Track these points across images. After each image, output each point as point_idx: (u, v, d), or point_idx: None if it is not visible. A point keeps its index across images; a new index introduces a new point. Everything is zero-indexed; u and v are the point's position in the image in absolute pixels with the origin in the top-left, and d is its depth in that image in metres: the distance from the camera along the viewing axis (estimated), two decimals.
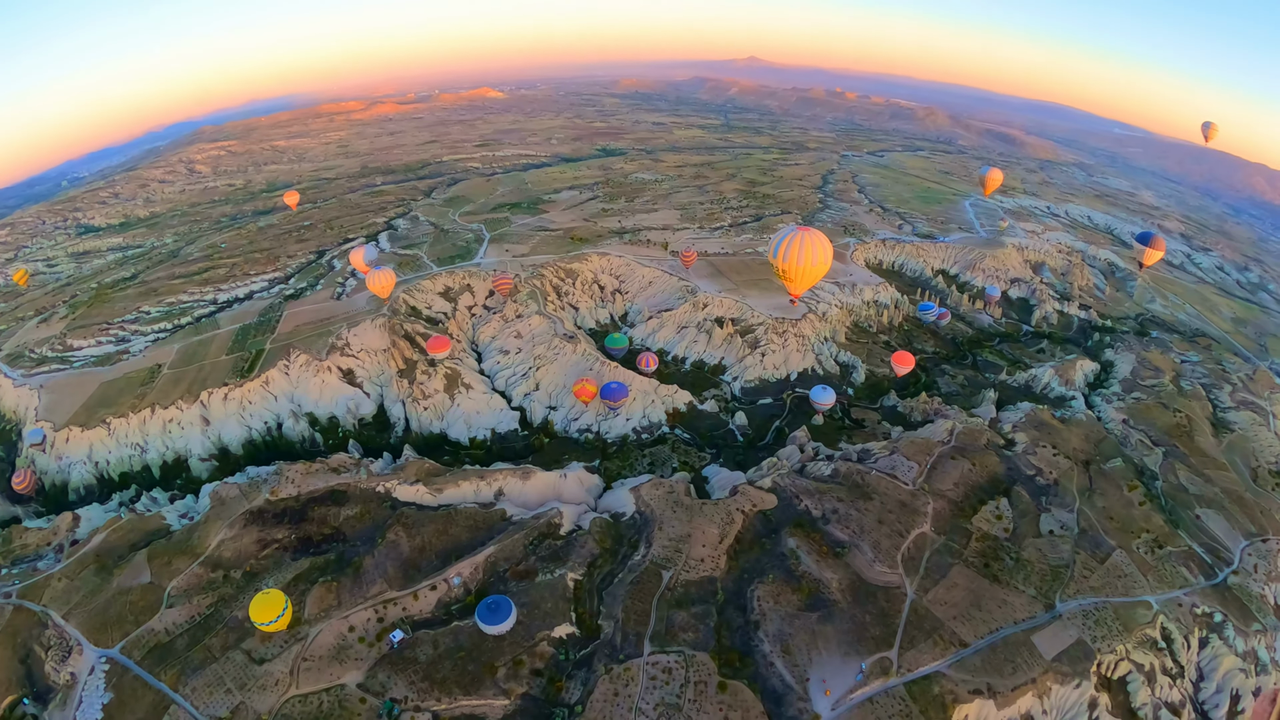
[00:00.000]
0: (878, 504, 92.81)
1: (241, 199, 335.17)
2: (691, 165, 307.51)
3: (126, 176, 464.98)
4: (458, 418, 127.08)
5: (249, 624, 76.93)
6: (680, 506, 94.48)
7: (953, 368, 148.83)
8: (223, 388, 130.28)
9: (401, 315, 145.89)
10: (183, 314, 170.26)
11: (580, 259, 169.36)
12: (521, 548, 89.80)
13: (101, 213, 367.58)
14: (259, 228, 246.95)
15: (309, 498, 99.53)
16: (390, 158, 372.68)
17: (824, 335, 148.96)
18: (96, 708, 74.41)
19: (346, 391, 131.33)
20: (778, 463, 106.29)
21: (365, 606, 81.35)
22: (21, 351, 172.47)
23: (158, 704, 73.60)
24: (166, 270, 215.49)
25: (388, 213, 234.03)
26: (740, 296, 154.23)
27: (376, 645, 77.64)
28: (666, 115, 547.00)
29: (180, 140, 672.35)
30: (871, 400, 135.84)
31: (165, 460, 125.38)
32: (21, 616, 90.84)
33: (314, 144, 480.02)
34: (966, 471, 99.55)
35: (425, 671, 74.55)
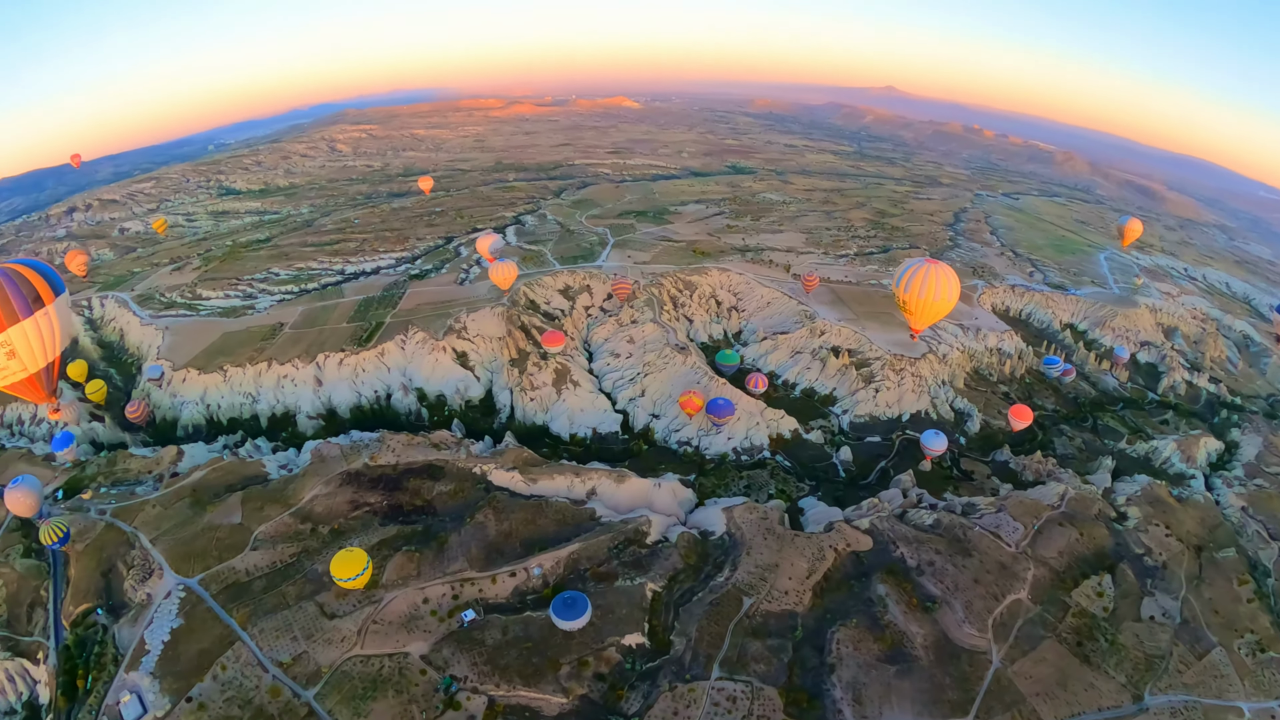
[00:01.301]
0: (976, 562, 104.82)
1: (378, 180, 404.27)
2: (821, 190, 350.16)
3: (270, 148, 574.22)
4: (561, 412, 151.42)
5: (327, 578, 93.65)
6: (772, 534, 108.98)
7: (1071, 429, 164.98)
8: (339, 353, 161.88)
9: (520, 307, 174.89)
10: (310, 280, 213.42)
11: (700, 272, 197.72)
12: (605, 550, 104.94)
13: (243, 178, 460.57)
14: (392, 209, 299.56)
15: (406, 468, 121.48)
16: (524, 156, 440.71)
17: (942, 378, 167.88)
18: (165, 630, 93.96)
19: (458, 373, 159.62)
20: (878, 504, 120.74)
21: (442, 581, 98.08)
22: (152, 294, 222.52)
23: (224, 638, 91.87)
24: (299, 238, 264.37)
25: (517, 208, 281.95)
26: (859, 327, 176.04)
27: (447, 621, 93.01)
28: (799, 138, 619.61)
29: (324, 119, 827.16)
30: (983, 452, 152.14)
31: (274, 413, 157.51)
32: (111, 534, 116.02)
33: (451, 136, 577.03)
34: (1073, 541, 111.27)
35: (490, 655, 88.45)
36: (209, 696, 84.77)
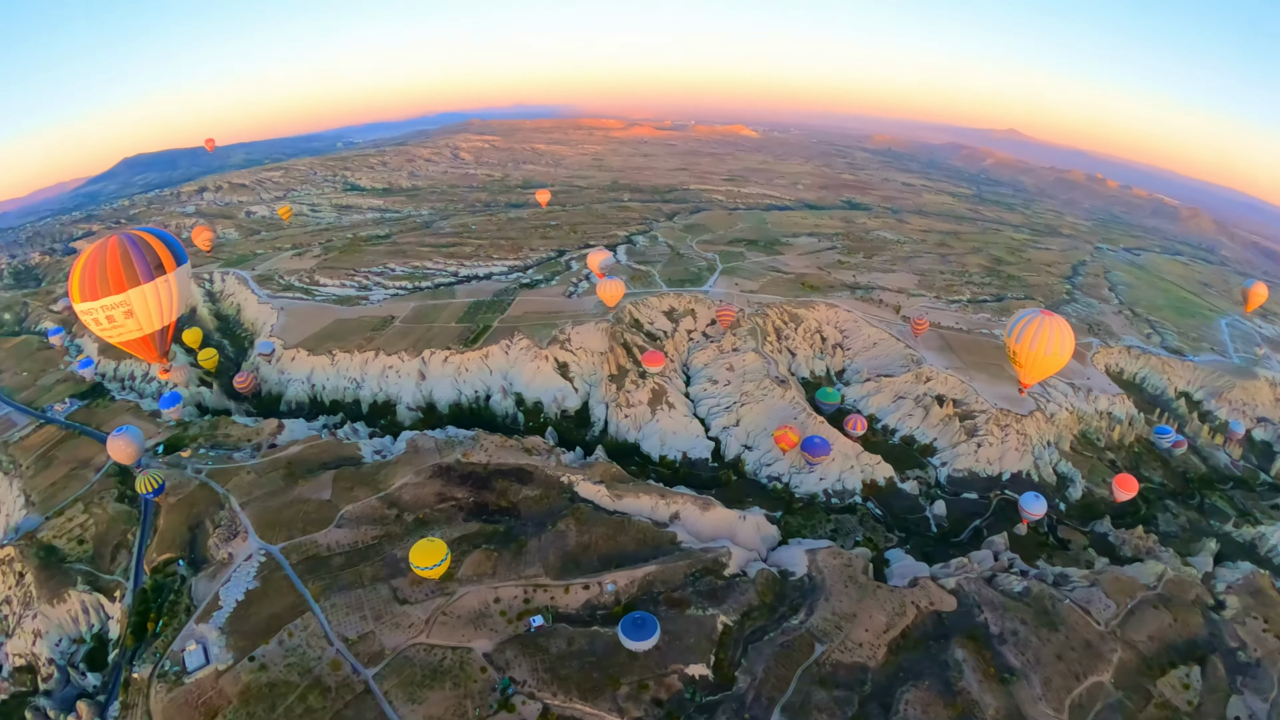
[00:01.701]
0: (1062, 637, 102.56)
1: (497, 189, 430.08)
2: (936, 232, 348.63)
3: (396, 150, 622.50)
4: (654, 433, 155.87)
5: (405, 565, 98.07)
6: (853, 583, 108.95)
7: (1177, 505, 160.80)
8: (445, 351, 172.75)
9: (624, 325, 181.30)
10: (424, 278, 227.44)
11: (807, 306, 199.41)
12: (682, 575, 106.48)
13: (368, 176, 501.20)
14: (508, 218, 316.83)
15: (496, 469, 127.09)
16: (640, 177, 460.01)
17: (1047, 438, 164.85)
18: (241, 590, 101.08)
19: (557, 382, 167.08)
20: (967, 564, 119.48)
21: (516, 584, 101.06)
22: (272, 275, 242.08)
23: (295, 606, 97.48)
24: (417, 237, 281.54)
25: (629, 228, 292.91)
26: (967, 377, 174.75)
27: (515, 623, 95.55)
28: (916, 177, 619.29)
29: (449, 127, 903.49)
30: (1082, 521, 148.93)
31: (376, 400, 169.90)
32: (204, 493, 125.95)
33: (571, 153, 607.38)
34: (1165, 626, 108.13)
35: (552, 663, 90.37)
36: (271, 659, 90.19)
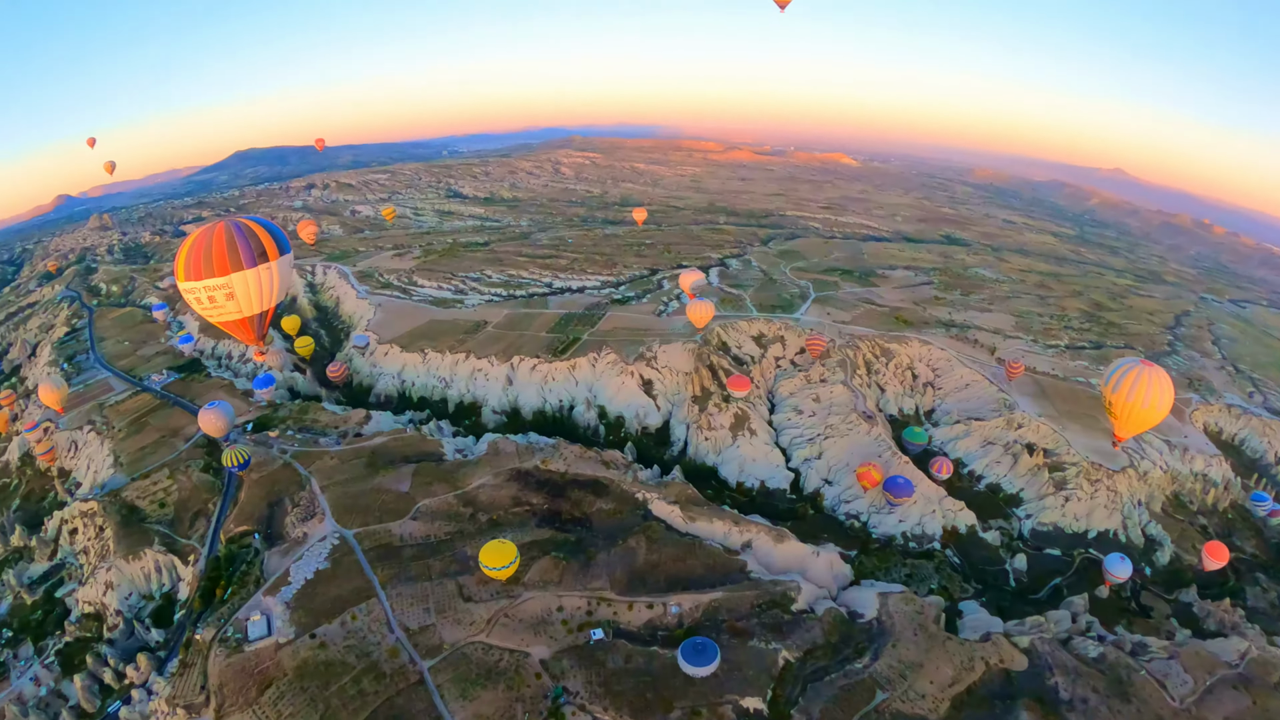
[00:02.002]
0: (1134, 710, 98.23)
1: (595, 205, 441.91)
2: (1036, 272, 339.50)
3: (499, 161, 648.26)
4: (733, 458, 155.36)
5: (474, 563, 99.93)
6: (923, 631, 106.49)
7: (1268, 580, 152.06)
8: (534, 359, 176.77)
9: (711, 347, 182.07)
10: (518, 287, 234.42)
11: (900, 341, 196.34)
12: (748, 605, 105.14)
13: (471, 185, 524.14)
14: (604, 234, 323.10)
15: (573, 479, 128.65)
16: (737, 201, 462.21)
17: (1139, 497, 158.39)
18: (311, 569, 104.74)
19: (640, 399, 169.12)
20: (1043, 624, 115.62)
21: (581, 595, 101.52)
22: (372, 273, 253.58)
23: (362, 591, 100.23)
24: (515, 247, 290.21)
25: (723, 250, 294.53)
26: (1059, 426, 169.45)
27: (575, 634, 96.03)
28: (1018, 214, 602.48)
29: (552, 142, 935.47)
30: (1167, 588, 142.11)
31: (462, 401, 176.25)
32: (287, 472, 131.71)
33: (669, 173, 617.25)
34: (1244, 709, 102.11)
35: (607, 678, 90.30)
36: (332, 639, 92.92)
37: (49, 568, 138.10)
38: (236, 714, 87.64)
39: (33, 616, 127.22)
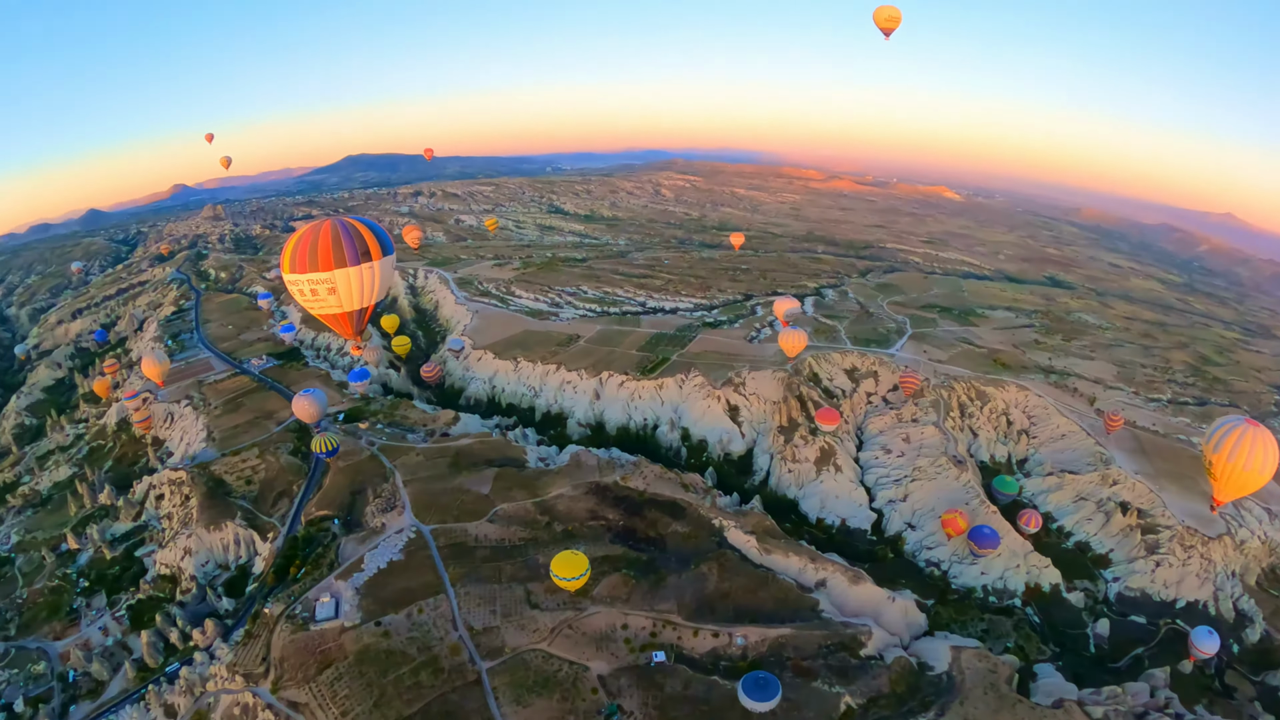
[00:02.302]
0: None
1: (693, 228, 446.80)
2: (1142, 320, 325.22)
3: (601, 180, 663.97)
4: (815, 493, 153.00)
5: (545, 571, 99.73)
6: (994, 691, 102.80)
7: None
8: (622, 375, 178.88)
9: (802, 377, 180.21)
10: (613, 304, 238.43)
11: (997, 384, 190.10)
12: (816, 645, 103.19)
13: (572, 201, 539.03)
14: (700, 257, 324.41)
15: (651, 498, 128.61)
16: (836, 231, 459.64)
17: (1233, 568, 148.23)
18: (385, 559, 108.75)
19: (725, 424, 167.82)
20: (1120, 695, 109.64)
21: (647, 615, 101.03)
22: (472, 280, 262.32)
23: (431, 586, 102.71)
24: (612, 265, 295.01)
25: (820, 280, 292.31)
26: (1156, 485, 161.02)
27: (637, 653, 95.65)
28: (1124, 258, 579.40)
29: (654, 164, 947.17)
30: (1254, 669, 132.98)
31: (549, 411, 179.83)
32: (372, 464, 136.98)
33: (769, 199, 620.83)
34: None
35: (663, 702, 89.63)
36: (396, 629, 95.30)
37: (132, 528, 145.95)
38: (293, 689, 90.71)
39: (110, 571, 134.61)
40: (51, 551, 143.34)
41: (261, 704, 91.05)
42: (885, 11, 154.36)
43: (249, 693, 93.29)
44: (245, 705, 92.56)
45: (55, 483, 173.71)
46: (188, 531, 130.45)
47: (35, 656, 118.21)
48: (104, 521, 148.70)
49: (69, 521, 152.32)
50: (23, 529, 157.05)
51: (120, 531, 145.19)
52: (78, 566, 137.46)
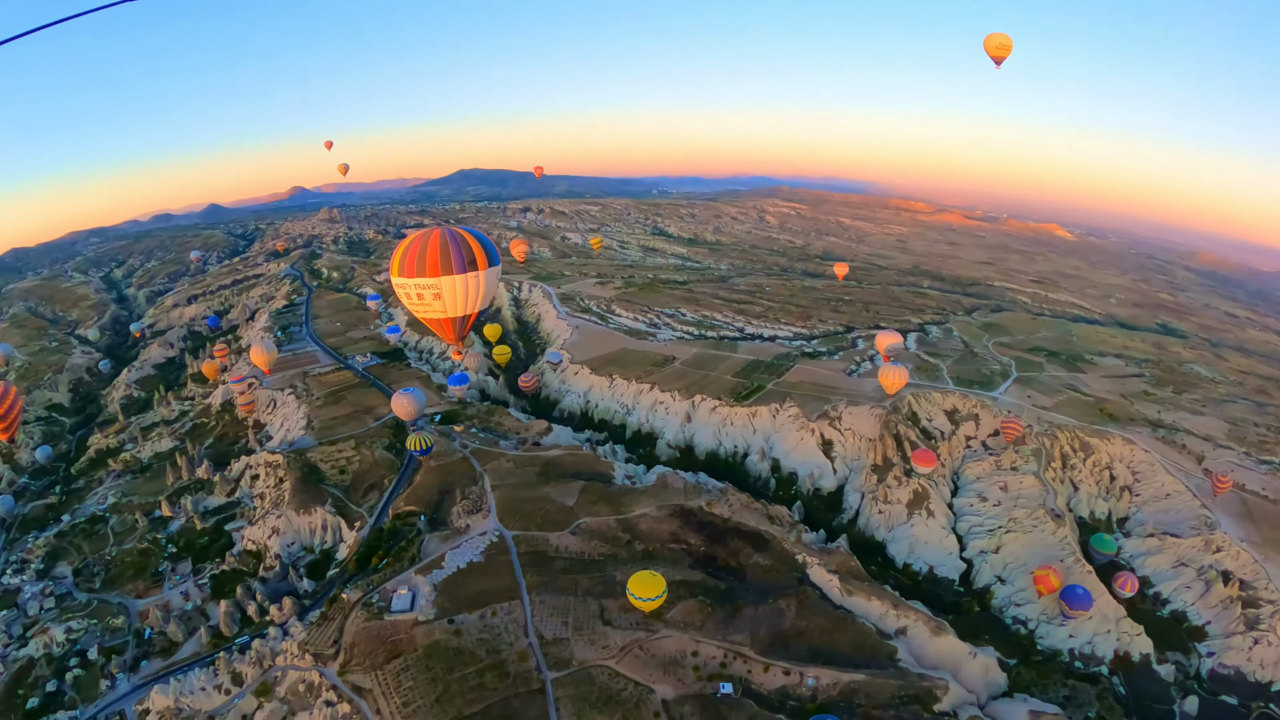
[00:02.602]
0: None
1: (796, 256, 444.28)
2: (1257, 375, 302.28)
3: (706, 205, 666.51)
4: (905, 536, 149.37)
5: (621, 589, 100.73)
6: None
7: None
8: (716, 400, 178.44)
9: (900, 415, 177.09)
10: (711, 328, 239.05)
11: (1102, 436, 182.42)
12: (889, 695, 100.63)
13: (676, 224, 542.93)
14: (802, 285, 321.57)
15: (735, 526, 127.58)
16: (942, 265, 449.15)
17: None
18: (465, 559, 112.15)
19: (817, 458, 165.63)
20: None
21: (719, 645, 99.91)
22: (574, 296, 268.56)
23: (507, 591, 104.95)
24: (712, 289, 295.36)
25: (924, 316, 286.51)
26: (1262, 556, 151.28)
27: (704, 682, 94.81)
28: (1242, 307, 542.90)
29: (759, 191, 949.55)
30: None
31: (640, 429, 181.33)
32: (463, 466, 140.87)
33: (875, 230, 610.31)
34: None
35: None
36: (467, 628, 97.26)
37: (224, 503, 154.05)
38: (360, 674, 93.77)
39: (199, 541, 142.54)
40: (145, 516, 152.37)
41: (327, 684, 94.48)
42: (996, 39, 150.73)
43: (316, 672, 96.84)
44: (311, 683, 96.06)
45: (156, 453, 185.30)
46: (278, 512, 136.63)
47: (115, 611, 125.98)
48: (199, 494, 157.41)
49: (165, 490, 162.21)
50: (120, 492, 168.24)
51: (213, 505, 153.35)
52: (168, 533, 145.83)
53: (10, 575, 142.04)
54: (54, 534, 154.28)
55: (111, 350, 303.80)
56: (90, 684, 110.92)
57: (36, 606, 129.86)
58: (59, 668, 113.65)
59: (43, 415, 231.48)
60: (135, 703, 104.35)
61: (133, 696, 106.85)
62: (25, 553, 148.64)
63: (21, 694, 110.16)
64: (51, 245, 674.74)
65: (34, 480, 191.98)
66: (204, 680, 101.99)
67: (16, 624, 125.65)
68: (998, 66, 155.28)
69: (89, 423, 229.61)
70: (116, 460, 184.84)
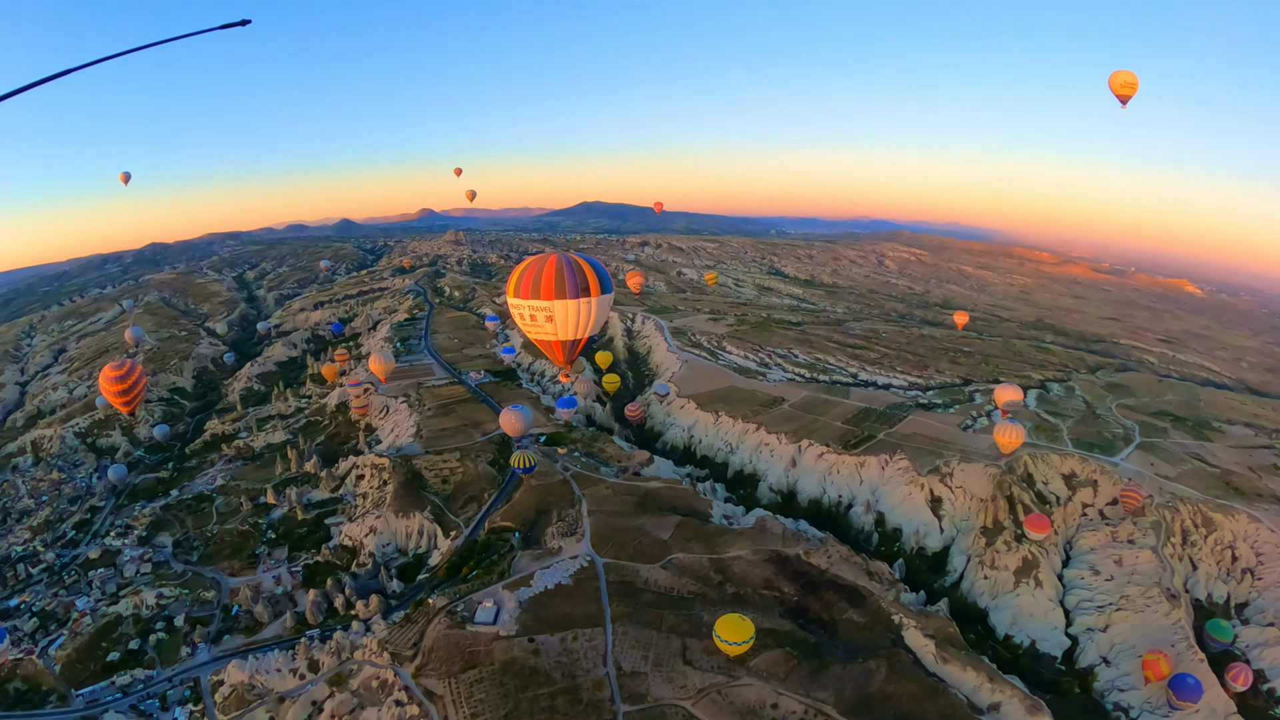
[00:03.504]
0: None
1: (914, 303, 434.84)
2: None
3: (824, 246, 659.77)
4: (1009, 607, 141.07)
5: (707, 630, 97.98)
6: None
7: None
8: (823, 447, 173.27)
9: (1015, 476, 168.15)
10: (823, 371, 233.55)
11: (1227, 512, 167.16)
12: None
13: (793, 265, 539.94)
14: (920, 334, 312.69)
15: (832, 579, 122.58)
16: (1066, 320, 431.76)
17: None
18: (553, 580, 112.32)
19: (924, 516, 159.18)
20: None
21: (800, 700, 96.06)
22: (685, 330, 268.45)
23: (591, 617, 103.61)
24: (826, 332, 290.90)
25: (1045, 372, 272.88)
26: None
27: None
28: None
29: (879, 234, 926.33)
30: None
31: (743, 470, 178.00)
32: (563, 489, 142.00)
33: (997, 280, 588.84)
34: None
35: None
36: (547, 649, 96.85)
37: (327, 498, 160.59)
38: (433, 679, 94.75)
39: (298, 530, 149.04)
40: (250, 501, 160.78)
41: (399, 684, 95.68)
42: (1121, 77, 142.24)
43: (391, 671, 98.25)
44: (384, 681, 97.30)
45: (269, 444, 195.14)
46: (377, 513, 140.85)
47: (208, 584, 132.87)
48: (304, 487, 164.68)
49: (272, 479, 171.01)
50: (229, 476, 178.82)
51: (316, 499, 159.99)
52: (269, 519, 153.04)
53: (114, 538, 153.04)
54: (160, 506, 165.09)
55: (237, 345, 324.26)
56: (171, 649, 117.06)
57: (133, 570, 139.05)
58: (145, 629, 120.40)
59: (165, 397, 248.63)
60: (211, 673, 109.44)
61: (210, 667, 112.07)
62: (131, 519, 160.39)
63: (105, 646, 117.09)
64: (189, 244, 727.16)
65: (149, 455, 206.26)
66: (281, 662, 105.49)
67: (111, 582, 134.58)
68: (1123, 106, 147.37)
69: (208, 409, 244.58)
70: (230, 446, 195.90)
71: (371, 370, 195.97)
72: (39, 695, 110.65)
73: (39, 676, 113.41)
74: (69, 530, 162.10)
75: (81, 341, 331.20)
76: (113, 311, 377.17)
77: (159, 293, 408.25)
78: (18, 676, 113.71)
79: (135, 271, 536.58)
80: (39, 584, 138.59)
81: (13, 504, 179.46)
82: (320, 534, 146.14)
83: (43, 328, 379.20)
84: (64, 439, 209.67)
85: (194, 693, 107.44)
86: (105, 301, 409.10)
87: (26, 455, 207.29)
